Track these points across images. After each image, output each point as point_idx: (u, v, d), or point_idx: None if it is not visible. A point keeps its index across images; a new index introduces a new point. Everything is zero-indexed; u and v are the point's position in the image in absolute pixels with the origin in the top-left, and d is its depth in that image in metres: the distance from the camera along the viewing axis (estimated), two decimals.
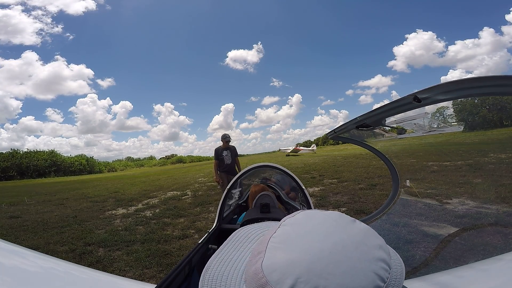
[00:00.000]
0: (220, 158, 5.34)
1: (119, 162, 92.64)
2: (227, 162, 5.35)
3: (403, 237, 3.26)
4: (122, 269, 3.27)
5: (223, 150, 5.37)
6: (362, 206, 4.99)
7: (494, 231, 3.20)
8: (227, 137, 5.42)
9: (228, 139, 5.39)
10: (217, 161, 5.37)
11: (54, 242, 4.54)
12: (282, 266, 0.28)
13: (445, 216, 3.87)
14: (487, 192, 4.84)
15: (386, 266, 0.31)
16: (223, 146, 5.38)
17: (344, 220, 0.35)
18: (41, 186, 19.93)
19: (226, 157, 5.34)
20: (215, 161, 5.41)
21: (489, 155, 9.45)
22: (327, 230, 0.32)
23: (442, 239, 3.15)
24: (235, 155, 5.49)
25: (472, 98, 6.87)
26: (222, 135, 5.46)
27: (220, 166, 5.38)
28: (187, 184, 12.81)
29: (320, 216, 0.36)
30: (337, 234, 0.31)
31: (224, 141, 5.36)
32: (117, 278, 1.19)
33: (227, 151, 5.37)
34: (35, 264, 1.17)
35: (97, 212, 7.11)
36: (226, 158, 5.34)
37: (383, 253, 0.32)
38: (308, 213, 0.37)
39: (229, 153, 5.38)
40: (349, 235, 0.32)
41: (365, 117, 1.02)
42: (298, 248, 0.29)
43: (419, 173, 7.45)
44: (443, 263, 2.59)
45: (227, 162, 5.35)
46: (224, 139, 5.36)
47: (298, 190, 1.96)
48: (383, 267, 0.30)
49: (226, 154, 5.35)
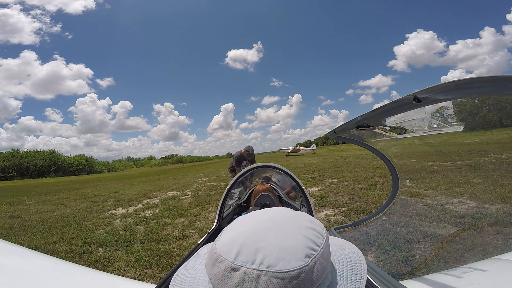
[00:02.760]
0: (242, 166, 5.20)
1: (119, 162, 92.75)
2: None
3: (403, 237, 3.26)
4: (122, 269, 3.27)
5: (244, 159, 5.23)
6: (362, 206, 4.99)
7: (494, 231, 3.20)
8: (251, 153, 5.20)
9: (251, 156, 5.21)
10: (239, 168, 5.19)
11: (54, 242, 4.54)
12: (229, 241, 0.36)
13: (445, 216, 3.87)
14: (487, 192, 4.84)
15: (317, 233, 0.37)
16: (245, 157, 5.23)
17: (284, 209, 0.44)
18: (41, 186, 19.94)
19: (244, 167, 5.21)
20: (237, 168, 5.22)
21: (489, 155, 9.45)
22: (266, 213, 0.42)
23: (442, 239, 3.15)
24: None
25: (472, 98, 6.85)
26: (246, 148, 5.26)
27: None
28: (187, 184, 12.81)
29: (266, 209, 0.44)
30: (272, 214, 0.41)
31: (246, 153, 5.19)
32: (117, 278, 1.19)
33: (246, 162, 5.24)
34: (35, 264, 1.17)
35: (97, 212, 7.11)
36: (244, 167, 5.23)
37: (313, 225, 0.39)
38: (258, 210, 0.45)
39: (247, 164, 5.24)
40: (283, 215, 0.40)
41: (365, 117, 1.02)
42: (241, 227, 0.39)
43: (419, 173, 7.45)
44: (443, 263, 2.59)
45: None
46: (247, 152, 5.19)
47: (298, 190, 1.96)
48: (314, 234, 0.37)
49: (244, 164, 5.22)
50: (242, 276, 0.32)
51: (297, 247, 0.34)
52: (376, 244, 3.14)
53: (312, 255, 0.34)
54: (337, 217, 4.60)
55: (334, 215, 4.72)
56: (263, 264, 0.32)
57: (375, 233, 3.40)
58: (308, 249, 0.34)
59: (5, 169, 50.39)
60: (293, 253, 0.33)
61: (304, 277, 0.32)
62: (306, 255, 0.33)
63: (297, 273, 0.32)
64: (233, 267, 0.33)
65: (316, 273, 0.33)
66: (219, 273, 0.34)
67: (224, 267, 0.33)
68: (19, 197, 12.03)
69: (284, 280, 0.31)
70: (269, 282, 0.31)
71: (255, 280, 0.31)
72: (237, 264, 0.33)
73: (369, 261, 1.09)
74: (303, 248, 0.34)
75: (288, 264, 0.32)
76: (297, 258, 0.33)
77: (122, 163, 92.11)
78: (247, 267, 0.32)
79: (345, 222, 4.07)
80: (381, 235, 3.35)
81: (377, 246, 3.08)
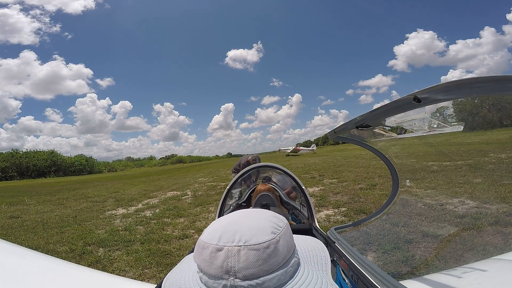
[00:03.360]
0: None
1: (119, 162, 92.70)
2: None
3: (403, 237, 3.26)
4: (122, 269, 3.27)
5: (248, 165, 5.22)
6: (362, 206, 4.99)
7: (494, 231, 3.20)
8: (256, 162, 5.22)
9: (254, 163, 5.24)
10: None
11: (54, 242, 4.54)
12: (211, 231, 0.45)
13: (445, 216, 3.87)
14: (487, 192, 4.84)
15: (278, 219, 0.47)
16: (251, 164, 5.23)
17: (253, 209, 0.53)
18: (41, 186, 19.94)
19: None
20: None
21: (489, 155, 9.45)
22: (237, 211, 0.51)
23: (442, 239, 3.15)
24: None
25: (472, 98, 6.90)
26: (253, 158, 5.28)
27: None
28: (187, 184, 12.81)
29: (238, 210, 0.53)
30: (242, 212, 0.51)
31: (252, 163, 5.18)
32: (117, 278, 1.19)
33: None
34: (35, 264, 1.17)
35: (97, 212, 7.11)
36: None
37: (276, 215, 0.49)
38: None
39: None
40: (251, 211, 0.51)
41: (365, 117, 1.02)
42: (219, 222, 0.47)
43: (419, 173, 7.45)
44: (443, 263, 2.59)
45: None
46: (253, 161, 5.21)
47: (298, 190, 1.96)
48: (276, 219, 0.47)
49: None
50: (226, 253, 0.40)
51: (265, 226, 0.44)
52: (376, 244, 3.14)
53: (277, 232, 0.43)
54: (337, 217, 4.60)
55: (334, 215, 4.72)
56: (241, 241, 0.40)
57: (375, 233, 3.40)
58: (273, 228, 0.44)
59: (5, 169, 50.37)
60: (263, 230, 0.42)
61: (273, 248, 0.41)
62: (272, 232, 0.43)
63: (267, 245, 0.41)
64: (218, 248, 0.40)
65: (282, 245, 0.42)
66: (207, 256, 0.41)
67: (210, 250, 0.41)
68: (19, 197, 12.03)
69: (258, 251, 0.40)
70: (248, 254, 0.39)
71: (237, 254, 0.39)
72: (220, 245, 0.41)
73: (369, 261, 1.09)
74: (269, 228, 0.43)
75: (260, 238, 0.41)
76: (266, 233, 0.42)
77: (122, 163, 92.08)
78: (228, 246, 0.40)
79: (345, 222, 4.07)
80: (381, 235, 3.35)
81: (377, 246, 3.08)
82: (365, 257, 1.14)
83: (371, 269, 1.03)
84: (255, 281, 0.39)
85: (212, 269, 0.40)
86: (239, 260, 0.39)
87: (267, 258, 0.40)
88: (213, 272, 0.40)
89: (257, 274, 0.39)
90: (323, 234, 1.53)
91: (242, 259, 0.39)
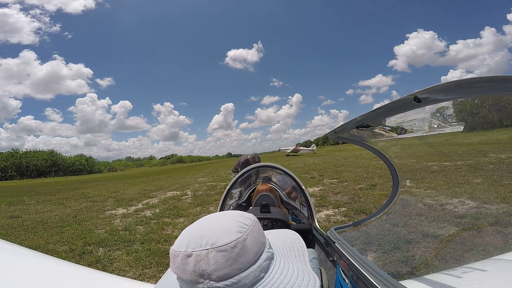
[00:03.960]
0: None
1: (119, 162, 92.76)
2: None
3: (403, 237, 3.26)
4: (122, 269, 3.28)
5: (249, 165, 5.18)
6: (362, 206, 4.99)
7: (494, 231, 3.20)
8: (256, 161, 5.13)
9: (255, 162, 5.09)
10: None
11: (54, 242, 4.54)
12: (179, 239, 0.45)
13: (445, 216, 3.87)
14: (487, 192, 4.84)
15: (246, 218, 0.47)
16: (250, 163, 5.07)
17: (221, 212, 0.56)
18: (41, 186, 19.93)
19: None
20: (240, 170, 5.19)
21: (489, 155, 9.45)
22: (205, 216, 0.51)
23: (442, 239, 3.15)
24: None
25: (472, 98, 6.93)
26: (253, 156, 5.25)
27: None
28: (187, 184, 12.81)
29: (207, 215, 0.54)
30: (210, 215, 0.51)
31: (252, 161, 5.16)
32: (117, 278, 1.19)
33: None
34: (35, 264, 1.17)
35: (97, 212, 7.11)
36: None
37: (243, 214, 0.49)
38: None
39: None
40: (218, 214, 0.51)
41: (365, 117, 1.02)
42: (187, 228, 0.48)
43: (419, 173, 7.45)
44: (443, 263, 2.59)
45: None
46: (253, 161, 5.17)
47: (298, 190, 1.96)
48: (243, 218, 0.47)
49: None
50: (195, 258, 0.40)
51: (231, 227, 0.44)
52: (376, 244, 3.14)
53: (243, 231, 0.44)
54: (337, 217, 4.60)
55: (334, 215, 4.72)
56: (208, 244, 0.41)
57: (375, 233, 3.40)
58: (239, 227, 0.44)
59: (5, 169, 50.38)
60: (228, 231, 0.43)
61: (241, 247, 0.42)
62: (238, 231, 0.43)
63: (234, 244, 0.41)
64: (187, 254, 0.41)
65: (249, 243, 0.43)
66: (179, 264, 0.42)
67: (181, 258, 0.42)
68: (19, 197, 12.02)
69: (226, 251, 0.40)
70: (216, 255, 0.40)
71: (206, 257, 0.40)
72: (189, 251, 0.41)
73: (369, 261, 1.09)
74: (235, 227, 0.44)
75: (226, 239, 0.41)
76: (232, 233, 0.42)
77: (122, 163, 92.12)
78: (197, 251, 0.41)
79: (345, 222, 4.07)
80: (381, 235, 3.35)
81: (377, 246, 3.08)
82: (365, 257, 1.14)
83: (371, 269, 1.03)
84: (230, 281, 0.40)
85: (186, 275, 0.41)
86: (209, 263, 0.40)
87: (236, 257, 0.41)
88: (188, 278, 0.41)
89: (230, 273, 0.40)
90: (323, 234, 1.53)
91: (212, 262, 0.40)
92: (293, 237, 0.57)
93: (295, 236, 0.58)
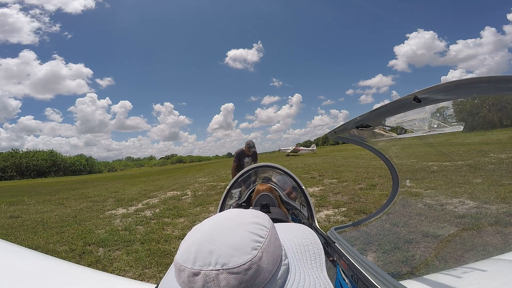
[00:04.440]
0: (241, 163, 5.14)
1: (119, 162, 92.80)
2: None
3: (403, 237, 3.26)
4: (122, 269, 3.27)
5: (246, 156, 5.17)
6: (362, 206, 4.99)
7: (494, 231, 3.20)
8: (252, 147, 5.16)
9: (252, 149, 5.16)
10: (236, 164, 5.15)
11: (54, 242, 4.54)
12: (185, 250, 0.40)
13: (445, 216, 3.87)
14: (487, 192, 4.84)
15: (260, 226, 0.41)
16: (246, 152, 5.17)
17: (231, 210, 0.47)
18: (41, 186, 19.93)
19: (246, 164, 5.12)
20: (234, 163, 5.19)
21: (489, 155, 9.45)
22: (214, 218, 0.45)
23: (442, 239, 3.15)
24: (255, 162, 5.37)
25: (472, 98, 6.90)
26: (247, 142, 5.20)
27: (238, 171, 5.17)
28: (187, 184, 12.81)
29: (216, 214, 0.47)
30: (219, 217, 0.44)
31: (248, 149, 5.13)
32: (117, 278, 1.19)
33: (249, 158, 5.18)
34: (35, 264, 1.17)
35: (97, 212, 7.11)
36: (246, 165, 5.12)
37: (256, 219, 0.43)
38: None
39: (250, 160, 5.18)
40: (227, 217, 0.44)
41: (365, 117, 1.02)
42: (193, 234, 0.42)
43: (419, 173, 7.45)
44: (443, 263, 2.59)
45: None
46: (248, 147, 5.13)
47: (298, 190, 1.96)
48: (257, 227, 0.41)
49: (247, 161, 5.15)
50: (204, 278, 0.36)
51: (244, 242, 0.38)
52: (376, 244, 3.14)
53: (258, 247, 0.38)
54: (337, 217, 4.60)
55: (334, 215, 4.72)
56: (218, 263, 0.36)
57: (375, 233, 3.40)
58: (254, 242, 0.38)
59: (5, 169, 50.39)
60: (241, 248, 0.37)
61: (256, 268, 0.37)
62: (253, 247, 0.38)
63: (248, 266, 0.36)
64: (194, 272, 0.37)
65: (265, 262, 0.38)
66: (185, 280, 0.38)
67: (187, 274, 0.37)
68: (19, 197, 12.02)
69: (239, 274, 0.36)
70: (228, 278, 0.35)
71: (216, 279, 0.35)
72: (196, 269, 0.37)
73: (369, 261, 1.09)
74: (248, 242, 0.38)
75: (239, 259, 0.36)
76: (245, 252, 0.37)
77: (122, 163, 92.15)
78: (205, 270, 0.36)
79: (345, 222, 4.07)
80: (381, 235, 3.35)
81: (377, 246, 3.08)
82: (365, 257, 1.14)
83: (371, 269, 1.03)
84: None
85: None
86: (219, 285, 0.35)
87: (250, 280, 0.36)
88: None
89: None
90: (323, 234, 1.53)
91: (223, 284, 0.35)
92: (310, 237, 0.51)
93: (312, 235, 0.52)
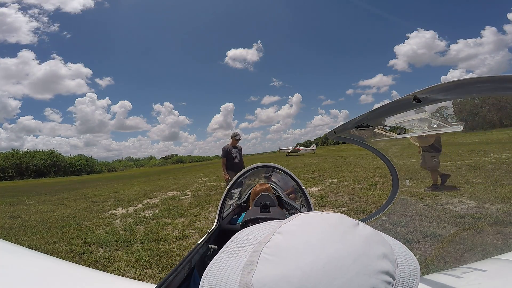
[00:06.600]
0: (229, 156, 5.27)
1: (119, 162, 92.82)
2: (236, 160, 5.29)
3: (403, 237, 3.26)
4: (122, 269, 3.27)
5: (232, 148, 5.32)
6: (362, 206, 4.99)
7: (494, 231, 3.20)
8: (238, 135, 5.38)
9: (238, 138, 5.37)
10: (225, 159, 5.29)
11: (54, 242, 4.54)
12: (271, 282, 0.27)
13: (445, 216, 3.87)
14: (487, 192, 4.84)
15: (389, 279, 0.28)
16: (232, 144, 5.34)
17: (344, 225, 0.32)
18: (41, 186, 19.93)
19: (235, 155, 5.28)
20: (223, 159, 5.33)
21: (489, 155, 9.44)
22: (323, 239, 0.29)
23: (442, 239, 3.15)
24: (241, 154, 5.49)
25: (472, 98, 6.82)
26: (233, 133, 5.40)
27: (229, 164, 5.31)
28: (187, 184, 12.81)
29: (318, 222, 0.32)
30: (333, 244, 0.29)
31: (234, 139, 5.31)
32: (117, 278, 1.19)
33: (235, 149, 5.32)
34: (35, 264, 1.17)
35: (97, 212, 7.11)
36: (235, 156, 5.28)
37: (387, 264, 0.29)
38: (305, 219, 0.34)
39: (237, 151, 5.33)
40: (348, 245, 0.29)
41: (365, 117, 1.02)
42: (289, 262, 0.28)
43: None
44: (443, 263, 2.59)
45: (236, 160, 5.28)
46: (235, 137, 5.32)
47: (298, 190, 1.96)
48: (386, 279, 0.28)
49: (235, 152, 5.30)
50: None
51: None
52: None
53: None
54: None
55: None
56: None
57: None
58: None
59: (5, 169, 50.39)
60: None
61: None
62: None
63: None
64: None
65: None
66: None
67: None
68: (19, 197, 12.02)
69: None
70: None
71: None
72: None
73: None
74: None
75: None
76: None
77: (122, 163, 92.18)
78: None
79: None
80: None
81: None
82: None
83: None
84: None
85: None
86: None
87: None
88: None
89: None
90: None
91: None
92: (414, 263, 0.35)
93: (412, 259, 0.35)
